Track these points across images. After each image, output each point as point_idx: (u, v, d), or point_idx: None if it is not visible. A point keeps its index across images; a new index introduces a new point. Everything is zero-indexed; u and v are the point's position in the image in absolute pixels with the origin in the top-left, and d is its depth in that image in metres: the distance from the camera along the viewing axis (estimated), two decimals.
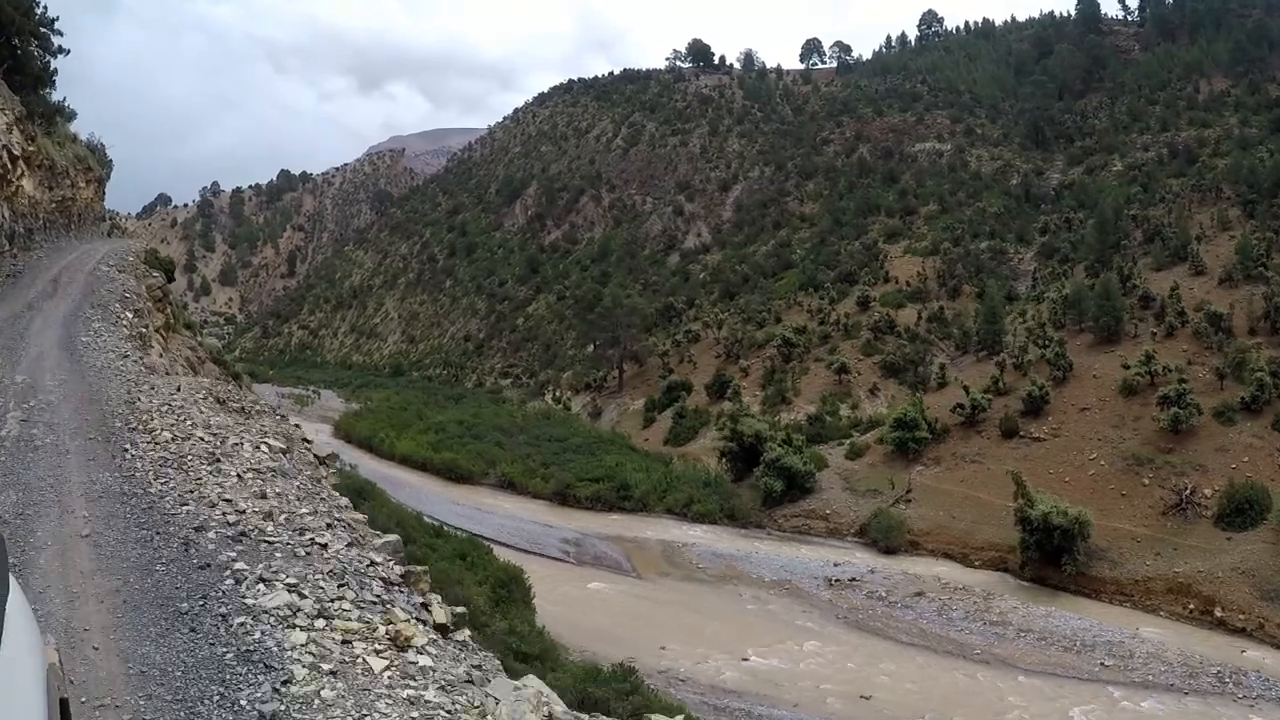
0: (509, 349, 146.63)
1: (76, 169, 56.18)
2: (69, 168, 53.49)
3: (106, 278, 36.58)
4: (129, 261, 43.49)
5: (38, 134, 45.42)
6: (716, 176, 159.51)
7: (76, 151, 57.21)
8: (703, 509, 61.03)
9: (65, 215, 52.48)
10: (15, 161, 39.64)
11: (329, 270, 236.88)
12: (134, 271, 41.67)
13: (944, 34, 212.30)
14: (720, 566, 51.21)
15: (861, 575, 49.42)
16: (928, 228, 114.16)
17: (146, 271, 43.35)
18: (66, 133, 56.00)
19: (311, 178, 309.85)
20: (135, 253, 48.17)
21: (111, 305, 30.82)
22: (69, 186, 53.51)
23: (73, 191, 54.60)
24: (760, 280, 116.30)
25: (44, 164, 46.22)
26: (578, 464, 70.48)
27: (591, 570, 51.21)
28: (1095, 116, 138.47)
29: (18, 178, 40.73)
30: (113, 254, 44.03)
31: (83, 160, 58.57)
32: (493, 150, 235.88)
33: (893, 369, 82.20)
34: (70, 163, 54.42)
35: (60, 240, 46.99)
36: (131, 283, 36.96)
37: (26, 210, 42.47)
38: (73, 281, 34.63)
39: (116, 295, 32.96)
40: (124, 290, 34.46)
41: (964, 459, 62.14)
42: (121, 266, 41.11)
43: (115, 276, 37.49)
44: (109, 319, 28.46)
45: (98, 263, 39.98)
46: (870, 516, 57.24)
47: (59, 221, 50.74)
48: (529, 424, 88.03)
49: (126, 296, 33.43)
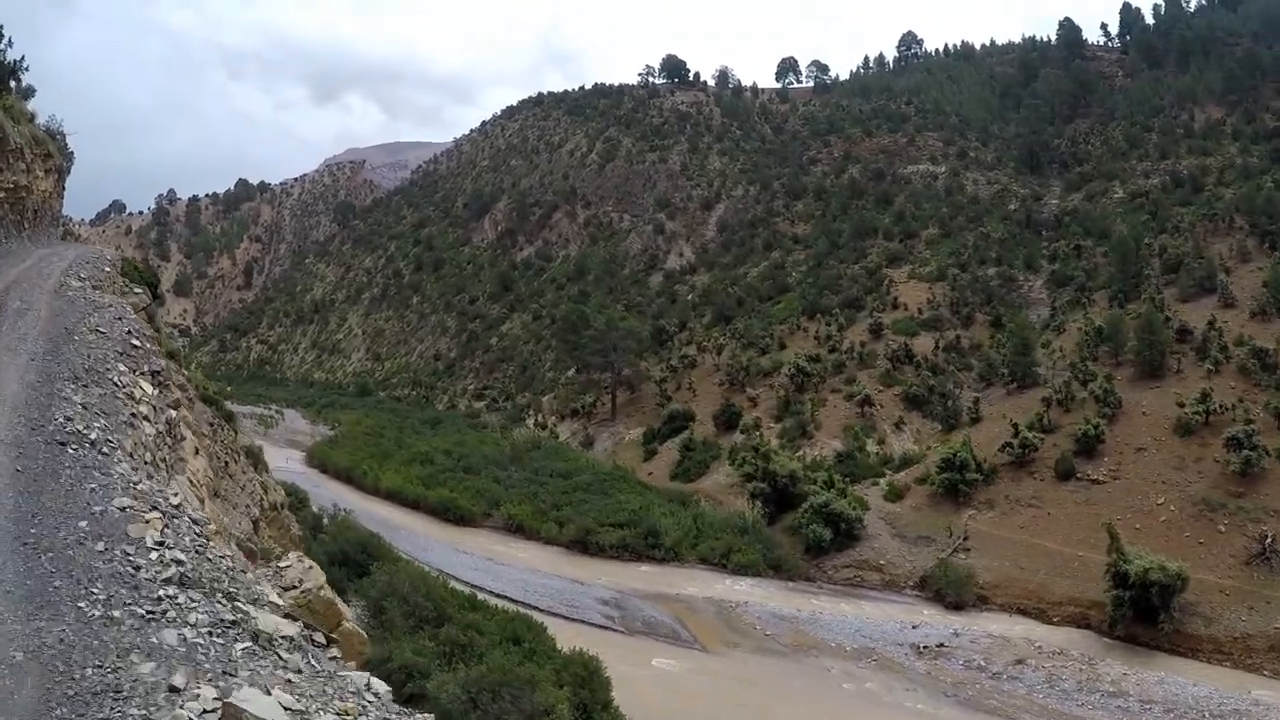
0: (482, 370, 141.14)
1: (34, 152, 44.97)
2: (24, 148, 42.71)
3: (84, 301, 26.07)
4: (105, 274, 33.73)
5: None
6: (698, 194, 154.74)
7: (33, 132, 46.25)
8: (744, 560, 55.22)
9: (17, 210, 42.08)
10: None
11: (289, 283, 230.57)
12: (113, 287, 31.98)
13: (923, 56, 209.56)
14: (789, 633, 45.57)
15: (947, 640, 44.44)
16: (930, 252, 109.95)
17: (126, 287, 33.55)
18: (21, 109, 45.68)
19: (270, 188, 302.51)
20: (109, 261, 38.54)
21: (107, 364, 19.76)
22: (23, 172, 42.75)
23: (28, 179, 43.69)
24: (755, 303, 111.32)
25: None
26: (592, 505, 64.64)
27: (647, 641, 45.01)
28: (1087, 142, 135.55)
29: None
30: (82, 262, 34.42)
31: (41, 144, 47.12)
32: (459, 163, 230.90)
33: (915, 401, 77.50)
34: (26, 142, 43.55)
35: (9, 241, 37.78)
36: (126, 313, 26.21)
37: None
38: (29, 308, 24.13)
39: (113, 340, 22.13)
40: (120, 328, 23.57)
41: (1019, 503, 57.65)
42: (98, 281, 31.22)
43: (97, 300, 26.90)
44: (109, 407, 17.25)
45: (64, 275, 30.06)
46: (931, 568, 52.34)
47: (9, 217, 40.35)
48: (519, 454, 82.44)
49: (132, 344, 22.39)
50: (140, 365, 21.38)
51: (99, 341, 21.69)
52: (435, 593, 40.52)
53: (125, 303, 28.43)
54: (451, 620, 37.26)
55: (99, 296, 27.44)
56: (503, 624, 38.51)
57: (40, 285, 27.59)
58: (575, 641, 38.49)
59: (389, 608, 37.74)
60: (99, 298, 27.31)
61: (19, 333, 21.78)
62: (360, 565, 44.57)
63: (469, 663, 32.72)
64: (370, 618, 38.84)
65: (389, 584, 39.66)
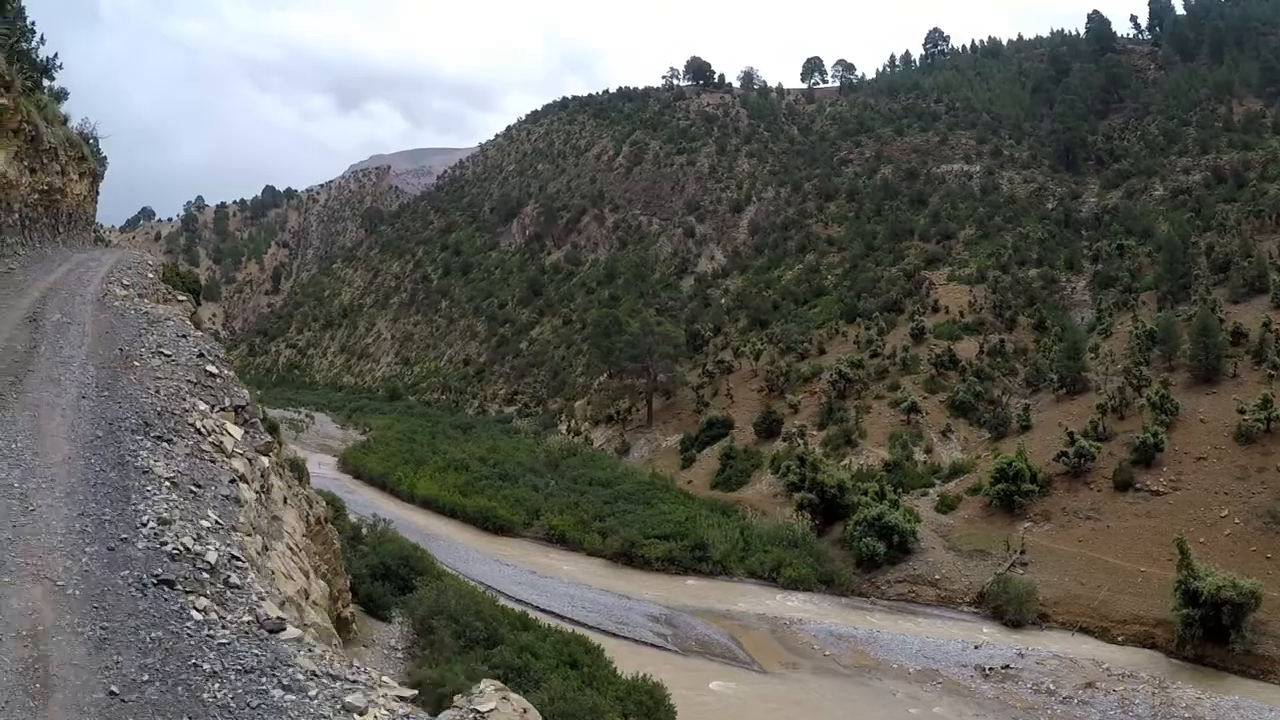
0: (513, 374, 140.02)
1: (68, 154, 43.89)
2: (58, 149, 41.33)
3: (135, 314, 22.78)
4: (148, 280, 31.54)
5: (14, 79, 32.11)
6: (727, 197, 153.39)
7: (67, 135, 45.10)
8: (795, 574, 53.65)
9: (51, 214, 40.85)
10: None
11: (317, 288, 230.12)
12: (156, 295, 29.20)
13: (950, 53, 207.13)
14: (848, 653, 43.91)
15: (1012, 661, 42.72)
16: (969, 253, 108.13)
17: (169, 294, 31.17)
18: (55, 111, 43.95)
19: (296, 194, 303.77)
20: (151, 267, 37.32)
21: (182, 401, 16.03)
22: (57, 174, 41.30)
23: (63, 182, 42.45)
24: (791, 307, 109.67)
25: (22, 129, 33.81)
26: (635, 516, 63.01)
27: (702, 662, 43.20)
28: (1122, 138, 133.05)
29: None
30: (123, 268, 32.15)
31: (75, 147, 46.25)
32: (485, 168, 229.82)
33: (961, 408, 75.66)
34: (60, 144, 42.22)
35: (44, 245, 36.13)
36: (189, 328, 22.79)
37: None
38: (71, 321, 20.62)
39: (182, 365, 18.11)
40: (188, 348, 19.67)
41: (1077, 515, 55.86)
42: (143, 289, 28.59)
43: (150, 311, 23.66)
44: (206, 474, 13.56)
45: (105, 282, 27.47)
46: (990, 583, 50.66)
47: (43, 220, 38.71)
48: (555, 462, 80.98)
49: (207, 370, 18.36)
50: (221, 399, 17.52)
51: (165, 368, 17.92)
52: (486, 611, 39.14)
53: (183, 314, 25.72)
54: (504, 641, 35.95)
55: (151, 307, 24.88)
56: (558, 646, 37.08)
57: (81, 294, 24.88)
58: (628, 662, 37.17)
59: (438, 627, 36.40)
60: (151, 309, 24.48)
61: (62, 356, 17.73)
62: (402, 579, 43.34)
63: (526, 689, 31.35)
64: (418, 637, 37.61)
65: (437, 602, 38.32)
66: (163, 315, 23.66)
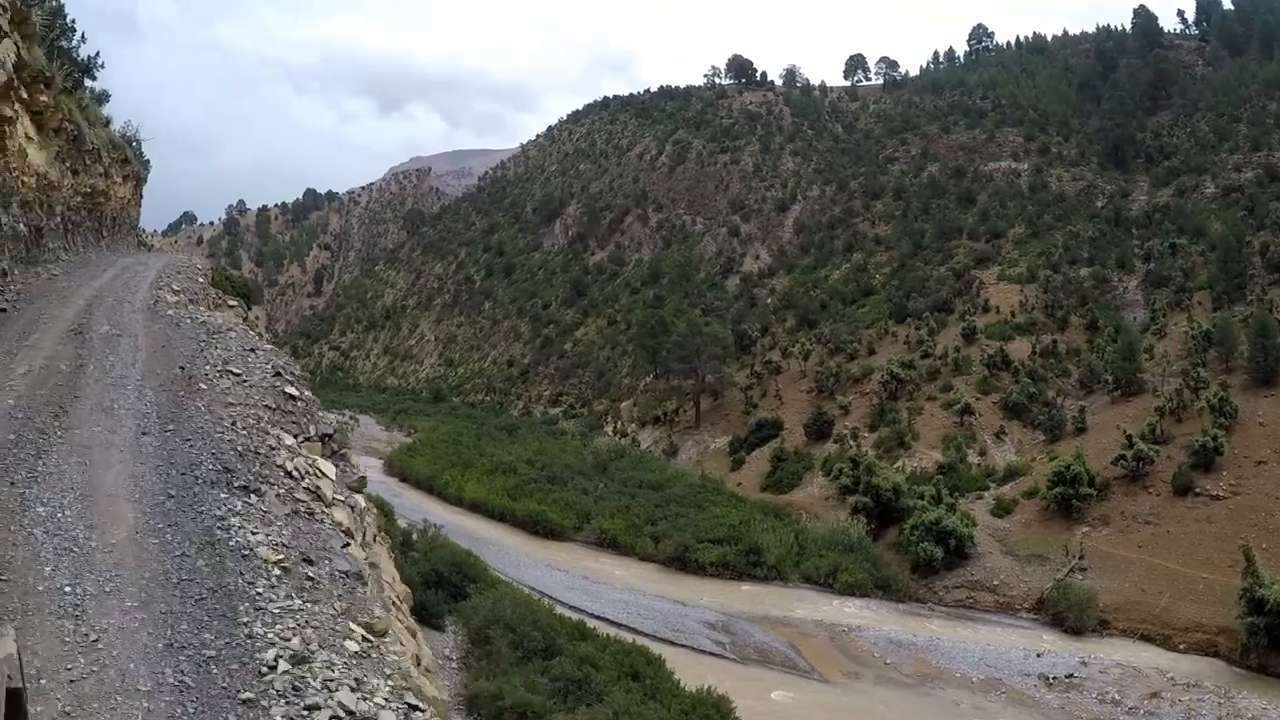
0: (557, 375, 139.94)
1: (111, 157, 43.45)
2: (101, 151, 40.61)
3: (191, 323, 21.01)
4: (199, 286, 30.28)
5: (55, 76, 30.23)
6: (772, 196, 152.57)
7: (110, 137, 44.69)
8: (851, 579, 52.99)
9: (95, 217, 39.92)
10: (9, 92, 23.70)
11: (359, 290, 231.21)
12: (208, 301, 27.83)
13: (994, 49, 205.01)
14: (909, 661, 43.25)
15: (1075, 670, 41.97)
16: (1019, 252, 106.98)
17: (219, 299, 30.17)
18: (97, 113, 43.19)
19: (337, 196, 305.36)
20: (200, 271, 36.04)
21: (265, 434, 13.67)
22: (100, 176, 40.55)
23: (106, 184, 41.76)
24: (839, 307, 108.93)
25: (63, 129, 32.80)
26: (688, 520, 62.32)
27: (761, 671, 42.42)
28: (1171, 135, 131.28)
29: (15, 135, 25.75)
30: (172, 272, 30.88)
31: (118, 149, 45.95)
32: (527, 168, 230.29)
33: (1015, 410, 74.70)
34: (103, 145, 41.57)
35: (87, 250, 34.92)
36: (255, 340, 21.11)
37: (34, 196, 28.12)
38: (121, 333, 18.75)
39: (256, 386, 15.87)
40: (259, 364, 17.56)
41: (1136, 519, 54.87)
42: (194, 294, 27.16)
43: (208, 320, 21.75)
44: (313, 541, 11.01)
45: (155, 287, 26.08)
46: (1049, 589, 49.93)
47: (86, 223, 37.69)
48: (603, 464, 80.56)
49: (286, 393, 16.15)
50: (305, 427, 14.95)
51: (237, 391, 15.40)
52: (543, 620, 38.37)
53: (241, 323, 24.01)
54: (563, 652, 35.32)
55: (207, 315, 22.95)
56: (619, 657, 36.44)
57: (129, 301, 23.26)
58: (686, 671, 36.61)
59: (494, 637, 35.71)
60: (209, 317, 22.63)
61: (113, 376, 15.39)
62: (455, 587, 42.74)
63: (588, 702, 30.98)
64: (473, 647, 37.17)
65: (493, 611, 37.78)
66: (222, 324, 21.79)
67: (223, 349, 18.40)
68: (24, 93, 26.61)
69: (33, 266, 25.47)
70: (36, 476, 10.91)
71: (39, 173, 28.83)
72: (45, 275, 25.11)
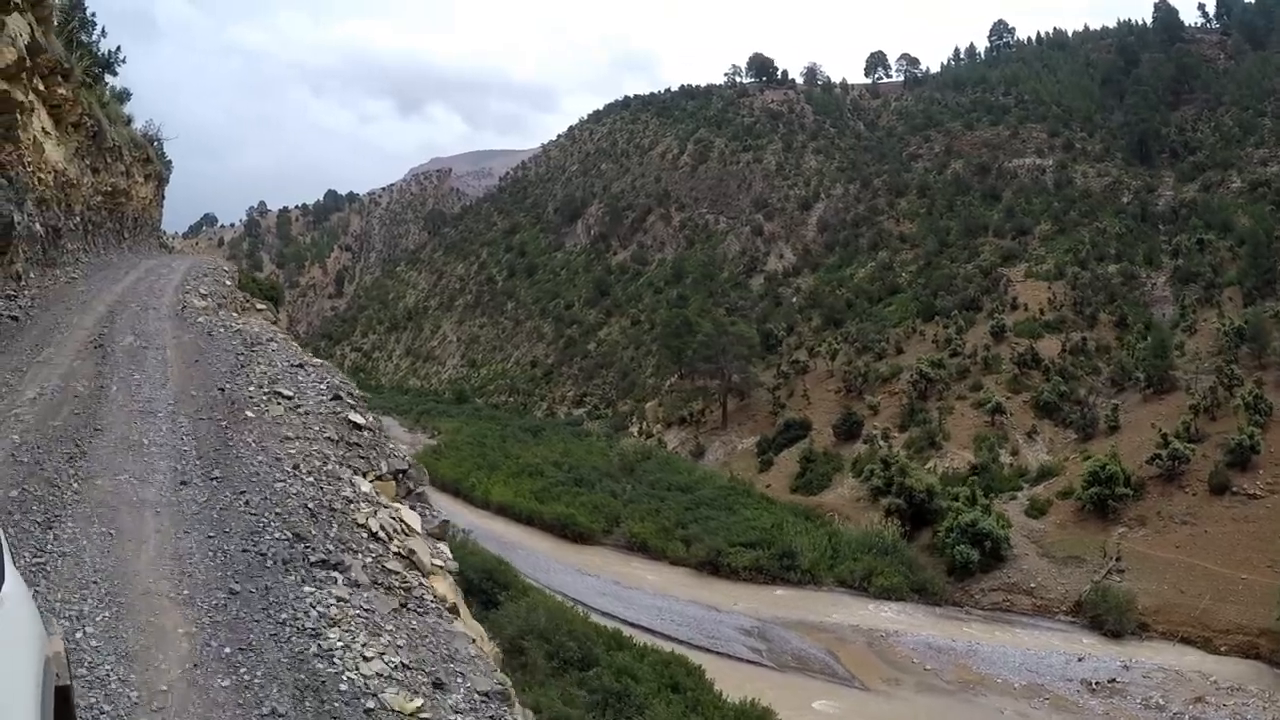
0: (581, 376, 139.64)
1: (133, 155, 42.66)
2: (122, 149, 39.83)
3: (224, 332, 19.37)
4: (227, 289, 28.84)
5: (74, 68, 29.57)
6: (795, 194, 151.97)
7: (131, 135, 44.13)
8: (886, 583, 52.23)
9: (116, 217, 39.08)
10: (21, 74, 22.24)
11: (381, 291, 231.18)
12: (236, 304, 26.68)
13: (1016, 45, 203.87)
14: (950, 667, 42.61)
15: (1118, 675, 41.42)
16: (1045, 249, 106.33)
17: (247, 302, 29.34)
18: (118, 111, 42.41)
19: (358, 197, 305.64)
20: (227, 273, 34.40)
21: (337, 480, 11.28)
22: (121, 174, 39.60)
23: (127, 183, 40.91)
24: (865, 305, 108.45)
25: (83, 124, 31.77)
26: (719, 522, 61.39)
27: (800, 679, 41.51)
28: (1195, 129, 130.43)
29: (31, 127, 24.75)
30: (198, 275, 29.62)
31: (140, 148, 45.26)
32: (548, 168, 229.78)
33: (1046, 409, 74.08)
34: (124, 143, 40.74)
35: (108, 251, 34.33)
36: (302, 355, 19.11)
37: (52, 194, 26.78)
38: (147, 344, 17.24)
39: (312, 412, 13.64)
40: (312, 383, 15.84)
41: (1173, 520, 54.23)
42: (223, 298, 25.83)
43: (244, 330, 20.01)
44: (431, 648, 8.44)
45: (180, 291, 24.77)
46: (1087, 591, 49.42)
47: (107, 224, 36.81)
48: (630, 466, 79.99)
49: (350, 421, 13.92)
50: (375, 463, 12.61)
51: (292, 420, 12.92)
52: (578, 629, 37.69)
53: (286, 334, 22.16)
54: (600, 662, 34.69)
55: (242, 323, 21.13)
56: (657, 667, 35.69)
57: (154, 306, 21.63)
58: (723, 679, 36.07)
59: (529, 648, 34.86)
60: (244, 325, 20.93)
61: (140, 399, 13.29)
62: (486, 594, 41.86)
63: (628, 716, 30.58)
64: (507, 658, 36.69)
65: (527, 620, 37.14)
66: (259, 333, 19.78)
67: (266, 364, 16.55)
68: (41, 84, 25.90)
69: (50, 269, 24.28)
70: (44, 563, 8.23)
71: (57, 169, 27.80)
72: (64, 278, 24.02)
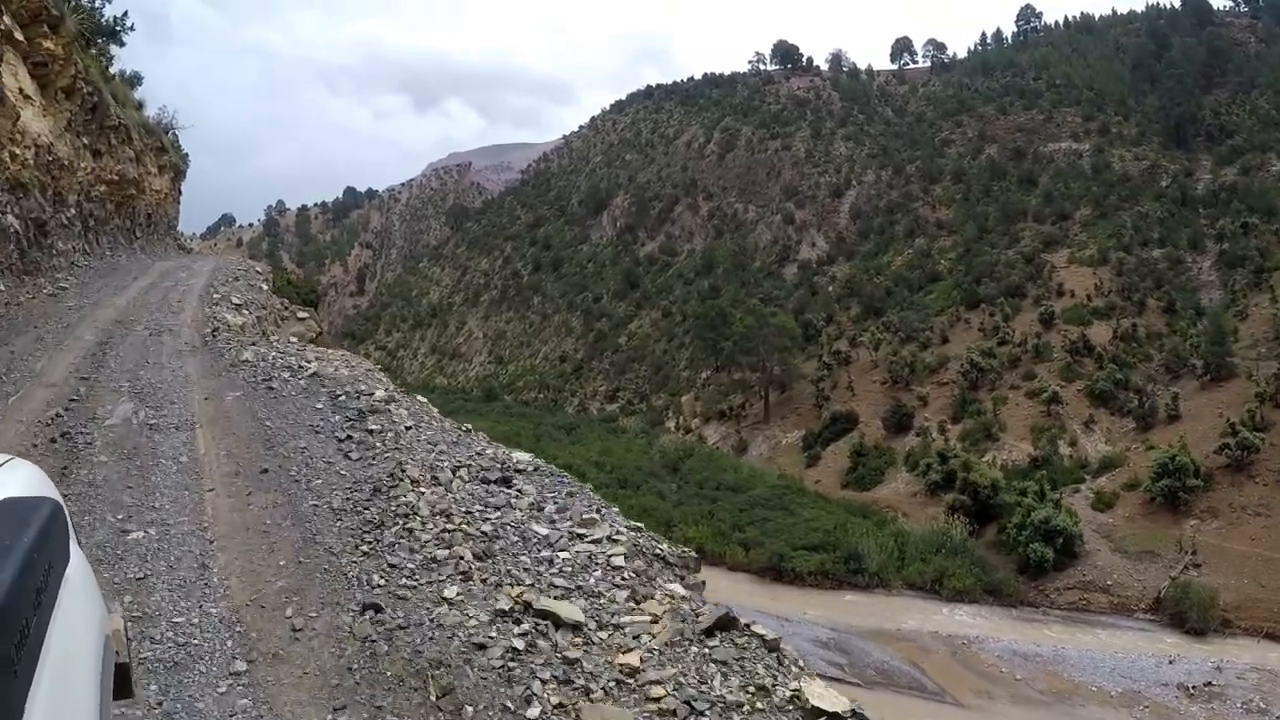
0: (612, 370, 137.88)
1: (144, 141, 38.26)
2: (132, 130, 35.65)
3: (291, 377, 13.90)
4: (264, 297, 25.34)
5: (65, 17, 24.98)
6: (826, 181, 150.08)
7: (143, 120, 40.07)
8: (959, 585, 49.87)
9: (125, 212, 34.84)
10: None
11: (404, 288, 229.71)
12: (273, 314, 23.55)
13: (1044, 29, 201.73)
14: (1040, 675, 40.39)
15: (1212, 676, 39.71)
16: (1087, 235, 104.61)
17: (286, 310, 26.32)
18: (128, 95, 38.50)
19: (377, 194, 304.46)
20: (262, 276, 31.32)
21: None
22: (131, 161, 35.01)
23: (138, 172, 36.24)
24: (905, 294, 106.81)
25: (78, 91, 27.27)
26: (777, 524, 58.67)
27: (889, 695, 38.09)
28: (1230, 113, 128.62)
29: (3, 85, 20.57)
30: (226, 279, 26.01)
31: (153, 135, 40.93)
32: (571, 160, 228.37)
33: (1101, 397, 72.42)
34: (135, 126, 36.59)
35: (116, 252, 30.00)
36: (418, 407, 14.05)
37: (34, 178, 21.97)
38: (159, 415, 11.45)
39: None
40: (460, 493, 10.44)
41: (1245, 511, 52.56)
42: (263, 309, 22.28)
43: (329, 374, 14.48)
44: None
45: (205, 302, 20.48)
46: (1166, 588, 47.84)
47: (113, 220, 32.54)
48: (673, 463, 78.01)
49: None
50: None
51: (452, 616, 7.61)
52: None
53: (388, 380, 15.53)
54: None
55: (314, 357, 15.66)
56: None
57: (171, 329, 16.71)
58: None
59: None
60: (320, 361, 15.23)
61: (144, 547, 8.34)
62: None
63: None
64: None
65: None
66: (352, 380, 13.68)
67: (361, 436, 10.39)
68: (18, 31, 21.73)
69: (30, 277, 19.28)
70: None
71: (39, 143, 22.96)
72: (48, 289, 19.32)
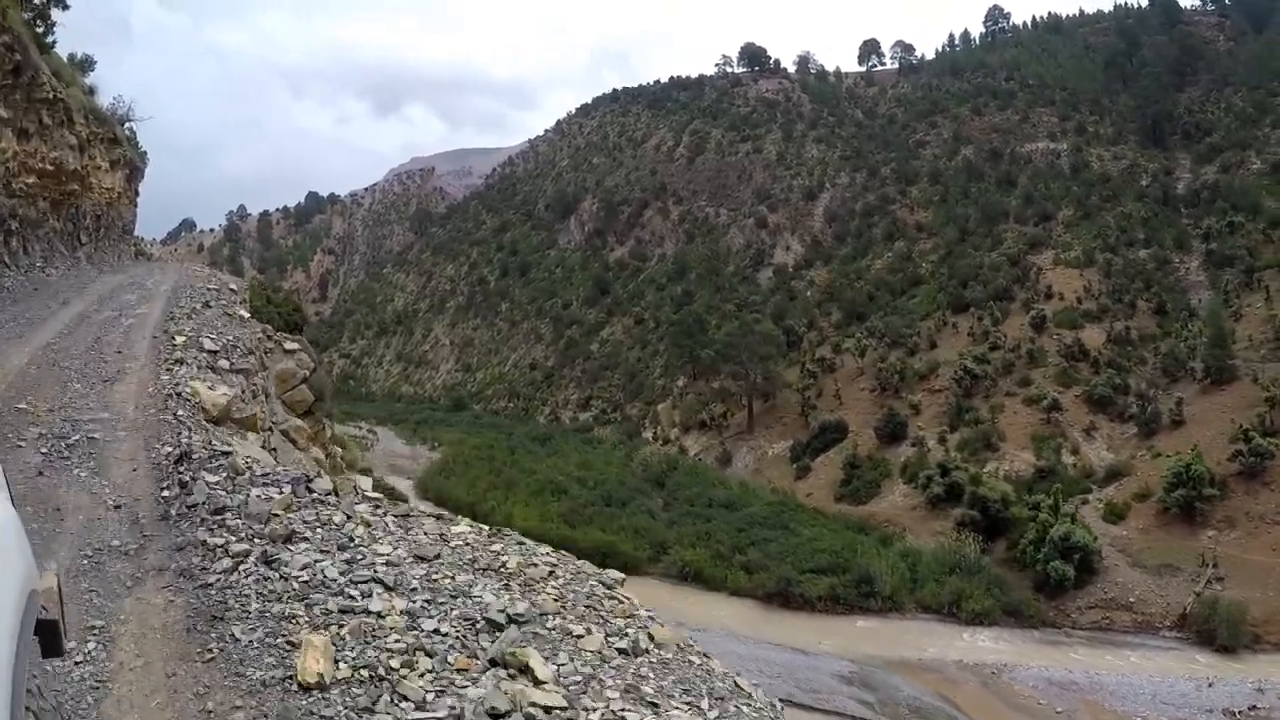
0: (584, 378, 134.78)
1: (91, 129, 33.15)
2: (74, 112, 30.39)
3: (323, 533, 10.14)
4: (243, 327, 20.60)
5: None
6: (799, 184, 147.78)
7: (92, 105, 35.18)
8: (977, 607, 47.51)
9: (65, 211, 30.16)
10: None
11: (368, 294, 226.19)
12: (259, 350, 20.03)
13: (1012, 29, 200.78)
14: (1079, 705, 38.05)
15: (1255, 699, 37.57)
16: (1071, 235, 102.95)
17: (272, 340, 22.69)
18: (74, 77, 34.03)
19: (340, 199, 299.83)
20: (236, 294, 25.99)
21: None
22: (73, 149, 29.93)
23: (82, 164, 31.26)
24: (888, 298, 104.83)
25: None
26: (779, 545, 55.89)
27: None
28: (1204, 110, 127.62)
29: None
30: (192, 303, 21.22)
31: (104, 124, 36.13)
32: (537, 164, 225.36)
33: (1100, 403, 70.51)
34: (79, 108, 31.40)
35: (49, 262, 25.73)
36: None
37: None
38: None
39: None
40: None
41: (1263, 520, 50.79)
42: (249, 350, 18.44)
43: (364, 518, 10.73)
44: None
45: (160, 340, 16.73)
46: (1191, 603, 45.88)
47: (48, 221, 28.02)
48: (656, 477, 75.00)
49: None
50: None
51: None
52: None
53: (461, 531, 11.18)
54: None
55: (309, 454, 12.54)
56: None
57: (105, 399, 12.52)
58: None
59: None
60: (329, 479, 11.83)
61: None
62: None
63: None
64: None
65: None
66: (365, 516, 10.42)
67: None
68: None
69: None
70: None
71: None
72: None
